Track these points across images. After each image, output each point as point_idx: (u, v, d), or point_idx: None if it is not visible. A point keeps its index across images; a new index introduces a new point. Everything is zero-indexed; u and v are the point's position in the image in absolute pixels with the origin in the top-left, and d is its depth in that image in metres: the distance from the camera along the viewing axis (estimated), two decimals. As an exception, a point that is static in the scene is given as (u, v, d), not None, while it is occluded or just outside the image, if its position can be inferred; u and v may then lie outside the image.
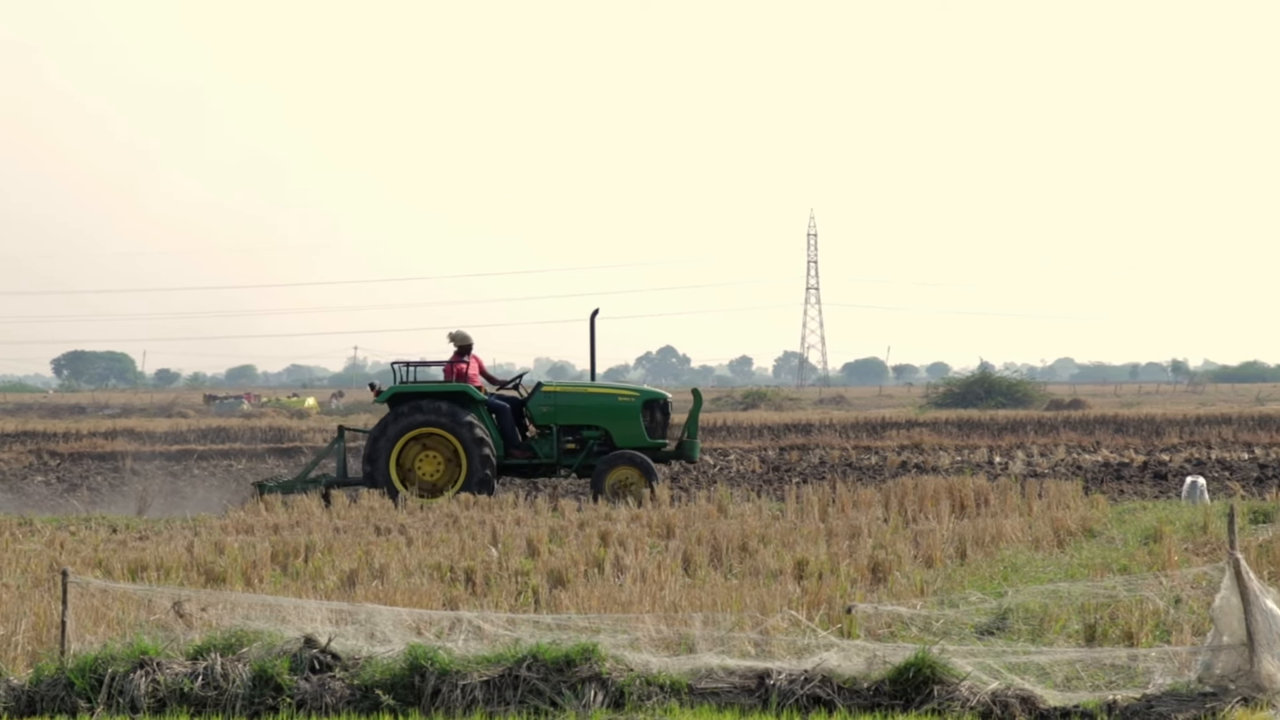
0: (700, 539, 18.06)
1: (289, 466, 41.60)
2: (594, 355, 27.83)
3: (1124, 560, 16.11)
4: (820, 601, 13.21)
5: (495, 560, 16.65)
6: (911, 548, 17.13)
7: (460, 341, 27.07)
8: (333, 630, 11.43)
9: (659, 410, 27.03)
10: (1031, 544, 17.97)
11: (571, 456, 26.68)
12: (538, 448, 26.73)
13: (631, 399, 26.95)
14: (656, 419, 26.91)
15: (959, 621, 12.42)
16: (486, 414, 26.46)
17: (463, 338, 27.06)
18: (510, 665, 10.78)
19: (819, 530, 18.88)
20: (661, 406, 27.11)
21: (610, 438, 26.57)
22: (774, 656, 11.00)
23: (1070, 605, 12.84)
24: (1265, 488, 27.52)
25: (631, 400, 26.92)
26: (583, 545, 17.92)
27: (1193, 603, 12.42)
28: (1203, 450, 41.06)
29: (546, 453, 26.66)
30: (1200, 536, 18.07)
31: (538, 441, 26.82)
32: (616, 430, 26.56)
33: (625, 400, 26.94)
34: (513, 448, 26.65)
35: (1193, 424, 51.46)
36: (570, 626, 11.60)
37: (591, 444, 26.60)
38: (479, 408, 26.39)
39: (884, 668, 10.48)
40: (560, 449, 26.67)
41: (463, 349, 27.05)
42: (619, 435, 26.53)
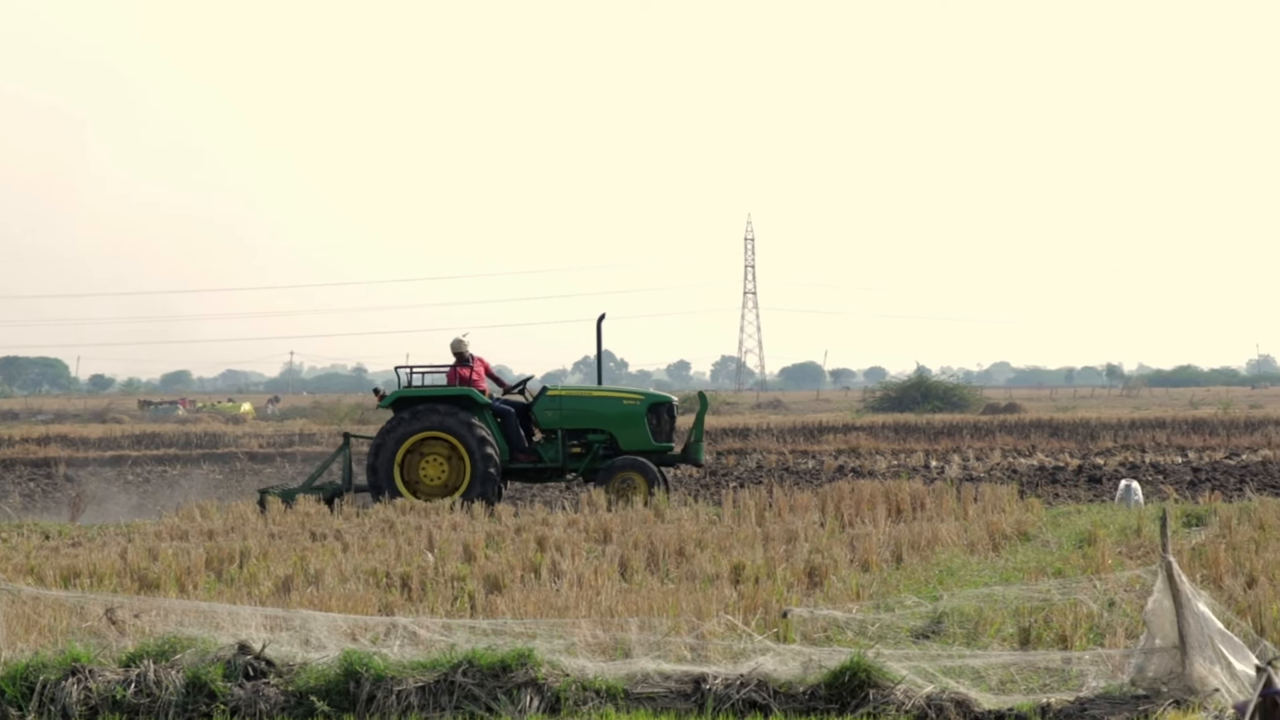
0: (637, 544, 18.04)
1: (224, 473, 41.38)
2: (600, 359, 27.82)
3: (1058, 564, 16.18)
4: (757, 606, 13.21)
5: (431, 565, 16.60)
6: (848, 552, 17.16)
7: (456, 349, 27.05)
8: (267, 637, 11.37)
9: (664, 413, 27.07)
10: (967, 548, 18.03)
11: (577, 460, 26.62)
12: (543, 452, 26.69)
13: (637, 403, 26.94)
14: (662, 422, 26.95)
15: (894, 625, 12.45)
16: (491, 418, 26.39)
17: (458, 345, 27.05)
18: (445, 671, 10.75)
19: (756, 535, 18.89)
20: (667, 410, 27.15)
21: (616, 441, 26.56)
22: (710, 661, 11.00)
23: (1005, 609, 12.89)
24: (1198, 491, 27.69)
25: (637, 404, 26.90)
26: (519, 550, 17.88)
27: (1126, 606, 12.47)
28: (1137, 454, 41.30)
29: (552, 457, 26.64)
30: (1134, 540, 18.17)
31: (543, 446, 26.79)
32: (622, 434, 26.55)
33: (630, 404, 26.91)
34: (518, 452, 26.59)
35: (1127, 428, 51.78)
36: (506, 632, 11.57)
37: (597, 448, 26.55)
38: (483, 412, 26.33)
39: (820, 672, 10.50)
40: (566, 453, 26.63)
41: (460, 356, 27.02)
42: (624, 439, 26.52)
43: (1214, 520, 20.19)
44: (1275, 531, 17.97)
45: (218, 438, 54.82)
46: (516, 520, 21.53)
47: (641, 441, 26.47)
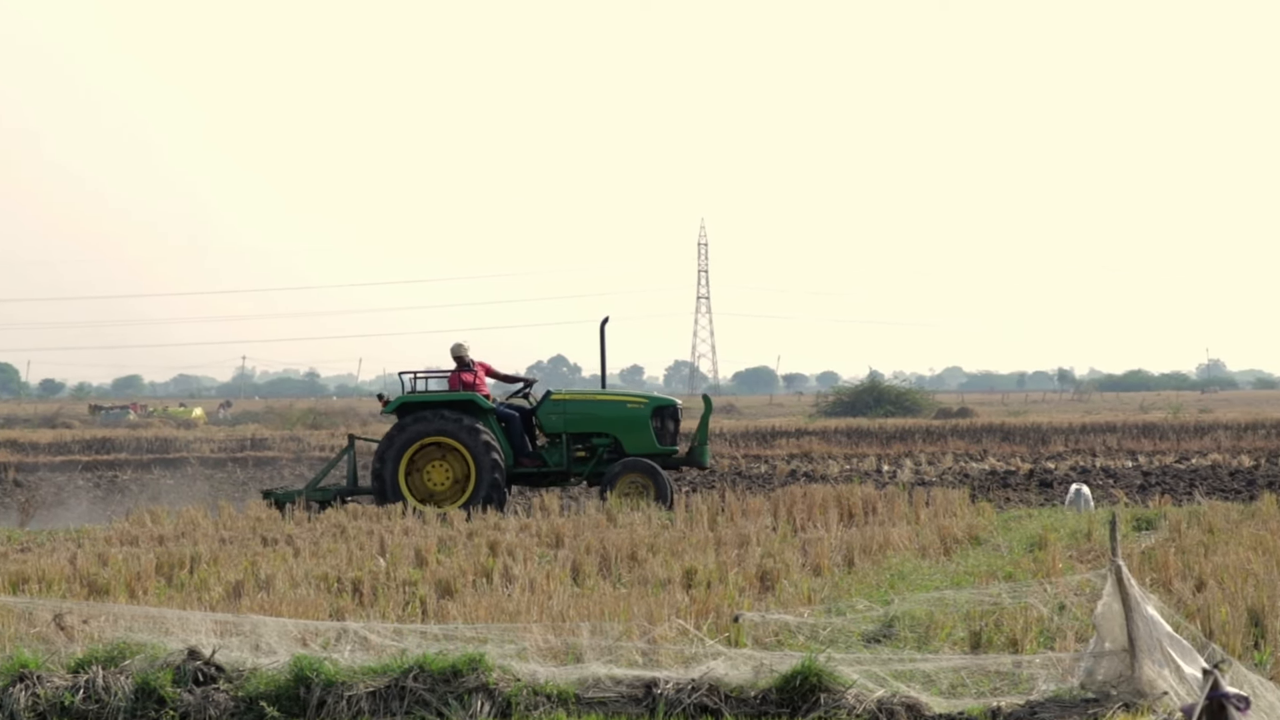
0: (589, 548, 18.03)
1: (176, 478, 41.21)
2: (604, 363, 27.75)
3: (1009, 567, 16.23)
4: (708, 610, 13.20)
5: (383, 570, 16.55)
6: (800, 556, 17.17)
7: (456, 354, 27.05)
8: (217, 642, 11.31)
9: (669, 417, 27.07)
10: (918, 552, 18.07)
11: (581, 464, 26.65)
12: (547, 456, 26.71)
13: (641, 406, 26.97)
14: (666, 426, 26.96)
15: (846, 629, 12.46)
16: (495, 423, 26.36)
17: (458, 349, 27.06)
18: (396, 676, 10.71)
19: (708, 539, 18.89)
20: (671, 413, 27.14)
21: (620, 445, 26.56)
22: (661, 666, 10.99)
23: (956, 612, 12.91)
24: (1148, 495, 27.83)
25: (641, 407, 26.92)
26: (471, 555, 17.85)
27: (1076, 609, 12.51)
28: (1088, 458, 41.49)
29: (556, 461, 26.66)
30: (1084, 544, 18.24)
31: (547, 450, 26.80)
32: (626, 438, 26.55)
33: (635, 408, 26.93)
34: (522, 456, 26.60)
35: (1078, 432, 52.02)
36: (457, 636, 11.54)
37: (601, 452, 26.58)
38: (488, 416, 26.29)
39: (771, 676, 10.49)
40: (570, 457, 26.65)
41: (460, 361, 27.02)
42: (629, 443, 26.51)
43: (1164, 524, 20.30)
44: (1224, 535, 18.07)
45: (169, 442, 54.62)
46: (468, 525, 21.49)
47: (646, 445, 26.48)
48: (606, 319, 27.77)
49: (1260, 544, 16.82)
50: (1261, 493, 25.76)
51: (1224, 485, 30.50)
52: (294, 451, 49.12)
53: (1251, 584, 13.71)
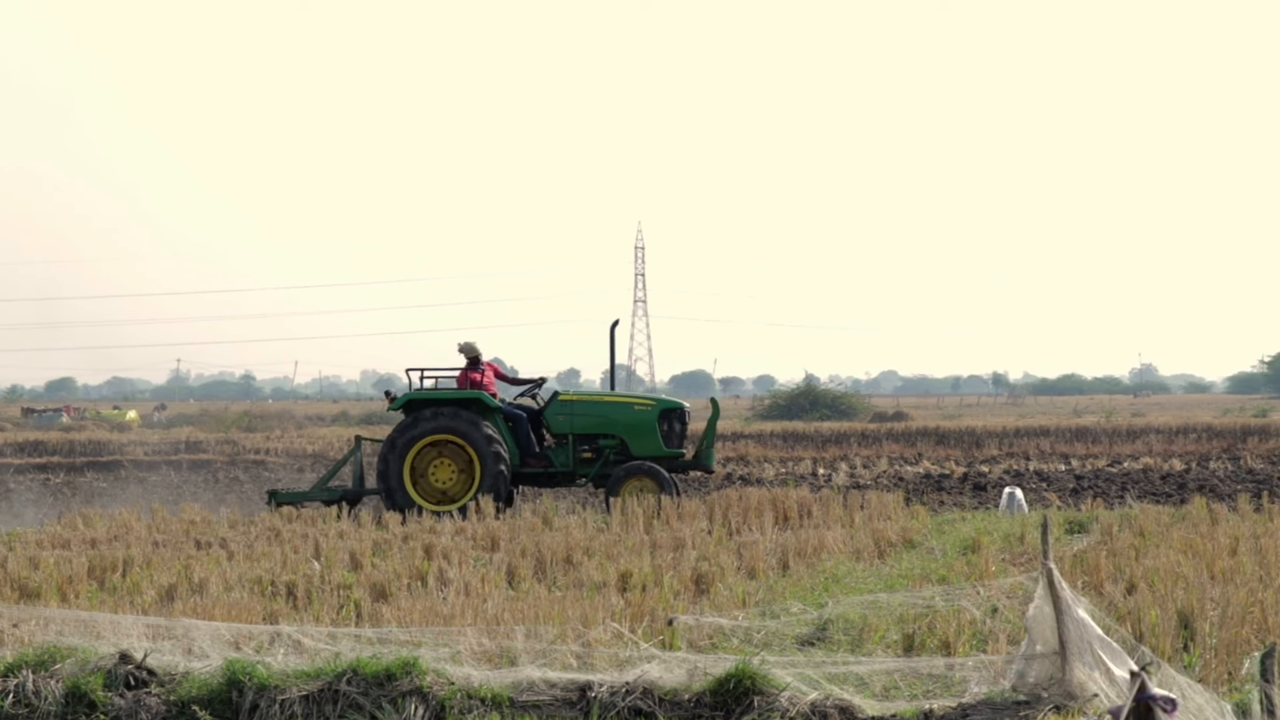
0: (525, 551, 18.03)
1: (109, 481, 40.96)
2: (613, 365, 27.70)
3: (943, 571, 16.30)
4: (644, 613, 13.22)
5: (317, 574, 16.50)
6: (735, 559, 17.20)
7: (469, 353, 27.02)
8: (149, 646, 11.25)
9: (676, 419, 27.04)
10: (853, 555, 18.13)
11: (588, 466, 26.67)
12: (554, 457, 26.69)
13: (648, 408, 26.96)
14: (673, 428, 26.93)
15: (780, 632, 12.49)
16: (502, 422, 26.34)
17: (470, 349, 27.03)
18: (330, 679, 10.67)
19: (643, 542, 18.91)
20: (678, 416, 27.12)
21: (627, 447, 26.58)
22: (596, 669, 10.99)
23: (889, 615, 12.96)
24: (1081, 498, 28.00)
25: (648, 410, 26.91)
26: (406, 558, 17.81)
27: (1009, 612, 12.58)
28: (1021, 462, 41.72)
29: (563, 462, 26.64)
30: (1017, 547, 18.34)
31: (554, 450, 26.78)
32: (633, 440, 26.57)
33: (642, 410, 26.91)
34: (528, 456, 26.58)
35: (1012, 436, 52.28)
36: (391, 640, 11.51)
37: (608, 453, 26.59)
38: (494, 415, 26.27)
39: (705, 679, 10.51)
40: (576, 458, 26.65)
41: (472, 360, 26.99)
42: (635, 445, 26.54)
43: (1095, 527, 20.44)
44: (1155, 539, 18.20)
45: (103, 445, 54.21)
46: (404, 528, 21.46)
47: (653, 447, 26.51)
48: (617, 321, 27.72)
49: (1190, 547, 16.96)
50: (1192, 496, 25.98)
51: (1155, 489, 30.72)
52: (229, 455, 48.85)
53: (1181, 587, 13.82)
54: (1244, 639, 11.61)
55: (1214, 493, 28.57)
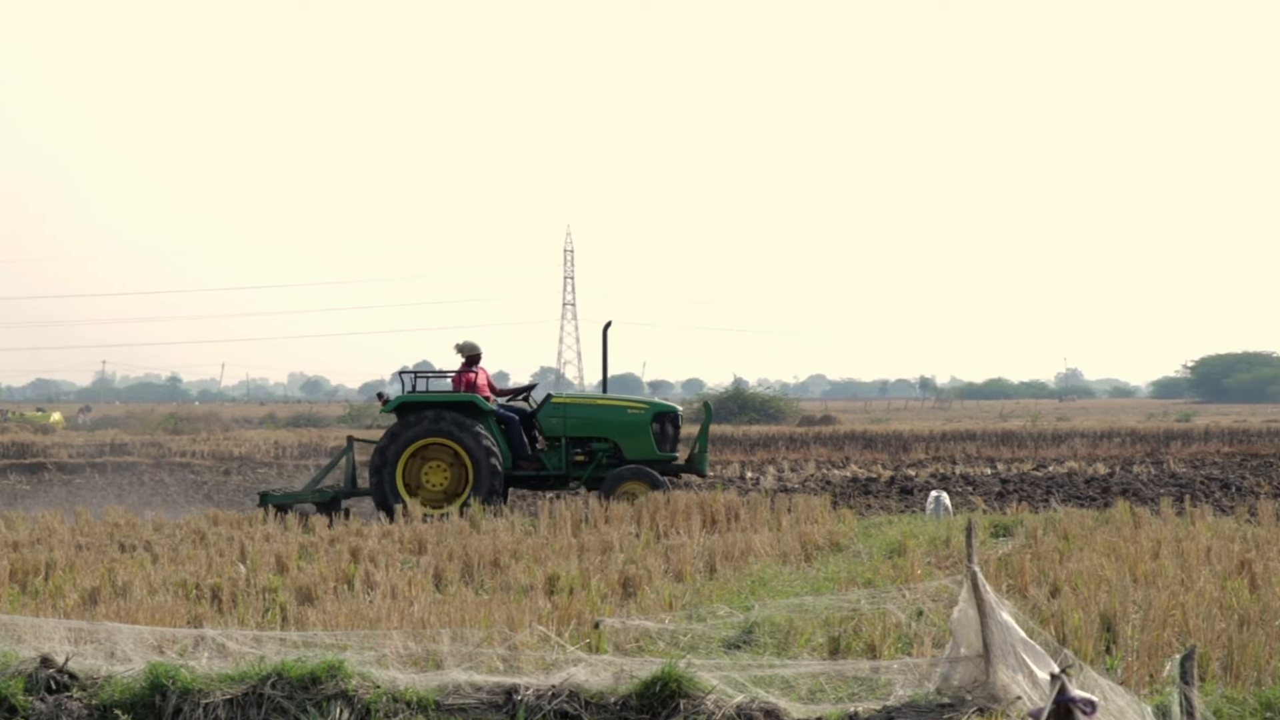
0: (452, 554, 17.99)
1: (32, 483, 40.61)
2: (605, 368, 27.61)
3: (869, 574, 16.35)
4: (570, 617, 13.22)
5: (243, 577, 16.42)
6: (662, 562, 17.22)
7: (468, 352, 26.97)
8: (71, 650, 11.16)
9: (669, 423, 27.02)
10: (780, 558, 18.17)
11: (580, 469, 26.60)
12: (546, 460, 26.63)
13: (641, 411, 26.87)
14: (666, 432, 26.91)
15: (706, 635, 12.52)
16: (495, 425, 26.25)
17: (470, 348, 26.95)
18: (254, 683, 10.62)
19: (571, 545, 18.90)
20: (671, 419, 27.08)
21: (620, 450, 26.54)
22: (522, 672, 10.98)
23: (815, 618, 13.01)
24: (1006, 502, 28.14)
25: (641, 413, 26.83)
26: (333, 561, 17.75)
27: (934, 615, 12.63)
28: (948, 465, 41.89)
29: (555, 464, 26.59)
30: (943, 550, 18.42)
31: (546, 453, 26.72)
32: (626, 443, 26.53)
33: (635, 413, 26.83)
34: (521, 459, 26.50)
35: (939, 440, 52.53)
36: (317, 643, 11.46)
37: (601, 456, 26.54)
38: (487, 418, 26.19)
39: (631, 682, 10.51)
40: (569, 461, 26.60)
41: (470, 360, 26.91)
42: (628, 448, 26.51)
43: (1020, 531, 20.55)
44: (1079, 542, 18.33)
45: (26, 447, 53.69)
46: (330, 531, 21.39)
47: (646, 451, 26.50)
48: (609, 324, 27.64)
49: (1113, 550, 17.09)
50: (1115, 500, 26.18)
51: (1080, 493, 30.91)
52: (154, 457, 48.52)
53: (1104, 590, 13.93)
54: (1165, 641, 11.71)
55: (1137, 496, 28.79)
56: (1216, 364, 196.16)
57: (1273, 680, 10.89)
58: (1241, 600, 13.48)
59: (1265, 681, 10.89)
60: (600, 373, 27.77)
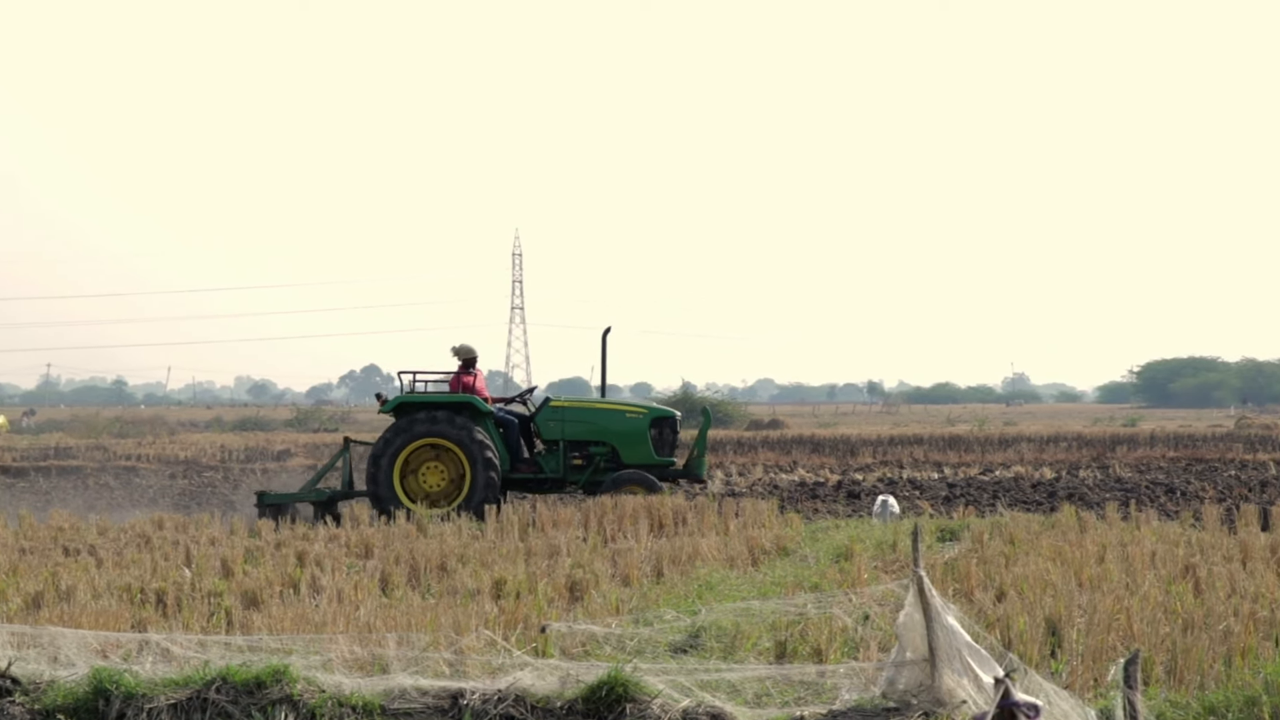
0: (399, 558, 17.95)
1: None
2: (604, 372, 27.57)
3: (816, 578, 16.37)
4: (517, 621, 13.20)
5: (188, 581, 16.34)
6: (609, 567, 17.21)
7: (464, 355, 26.97)
8: (14, 654, 11.08)
9: (667, 428, 27.05)
10: (727, 562, 18.18)
11: (578, 472, 26.61)
12: (544, 463, 26.65)
13: (639, 416, 26.89)
14: (664, 436, 26.96)
15: (653, 640, 12.51)
16: (493, 427, 26.20)
17: (466, 351, 26.96)
18: (199, 688, 10.57)
19: (518, 549, 18.88)
20: (670, 424, 27.10)
21: (617, 454, 26.58)
22: (468, 676, 10.95)
23: (762, 623, 13.01)
24: (953, 506, 28.24)
25: (639, 417, 26.85)
26: (279, 565, 17.68)
27: (880, 619, 12.66)
28: (895, 470, 42.02)
29: (553, 468, 26.60)
30: (890, 554, 18.47)
31: (544, 457, 26.75)
32: (624, 447, 26.57)
33: (633, 417, 26.84)
34: (519, 462, 26.55)
35: (886, 444, 52.67)
36: (262, 648, 11.41)
37: (598, 460, 26.54)
38: (485, 420, 26.14)
39: (577, 686, 10.49)
40: (567, 465, 26.60)
41: (467, 363, 26.88)
42: (626, 452, 26.55)
43: (967, 535, 20.62)
44: (1025, 546, 18.39)
45: (-31, 452, 53.37)
46: (276, 535, 21.30)
47: (643, 455, 26.54)
48: (609, 329, 27.57)
49: (1059, 555, 17.16)
50: (1061, 504, 26.31)
51: (1026, 497, 31.05)
52: (99, 461, 48.25)
53: (1050, 594, 13.98)
54: (1110, 645, 11.76)
55: (1083, 501, 28.94)
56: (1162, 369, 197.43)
57: (1216, 684, 10.95)
58: (1186, 604, 13.55)
59: (1208, 685, 10.95)
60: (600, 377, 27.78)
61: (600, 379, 27.76)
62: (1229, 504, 27.50)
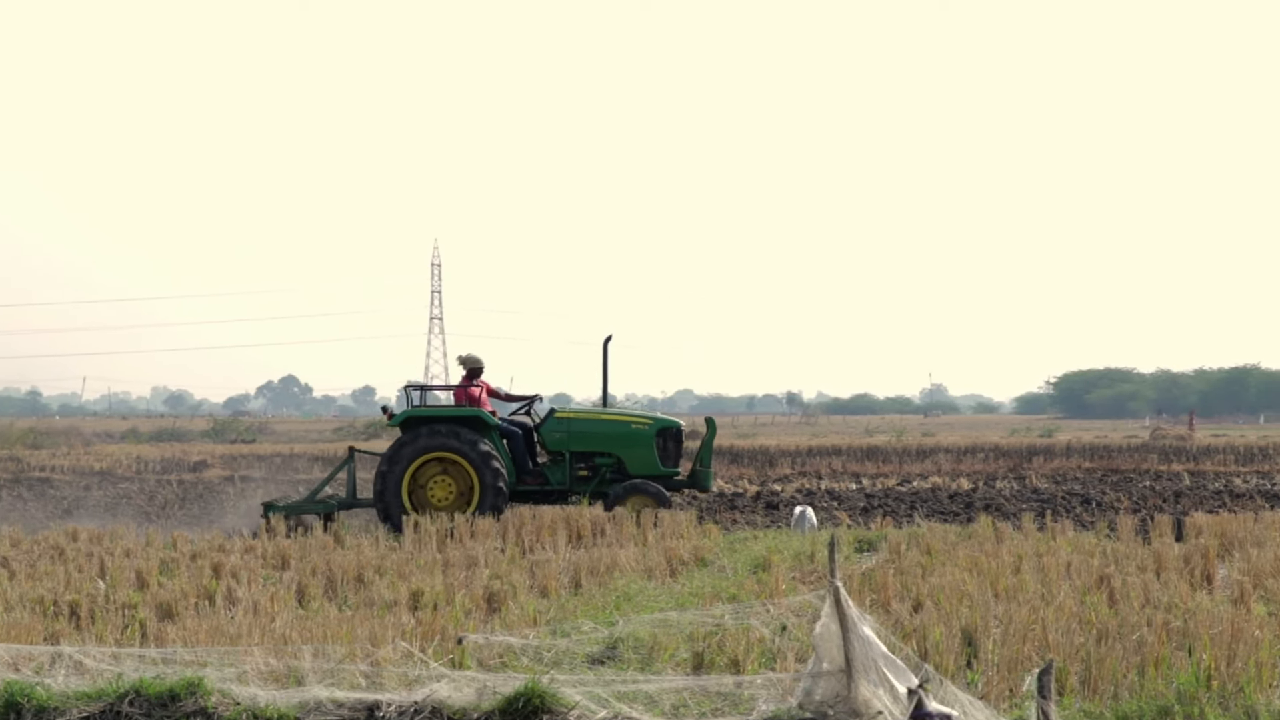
0: (315, 570, 17.86)
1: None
2: (606, 382, 27.43)
3: (734, 589, 16.39)
4: (434, 632, 13.16)
5: (102, 593, 16.21)
6: (527, 578, 17.18)
7: (470, 365, 26.92)
8: (-77, 668, 10.97)
9: (672, 438, 26.98)
10: (645, 573, 18.18)
11: (584, 483, 26.54)
12: (550, 474, 26.58)
13: (645, 426, 26.82)
14: (669, 447, 26.88)
15: (571, 651, 12.49)
16: (499, 439, 26.13)
17: (472, 361, 26.93)
18: (112, 700, 10.49)
19: (436, 561, 18.82)
20: (674, 434, 27.03)
21: (623, 465, 26.52)
22: (385, 688, 10.91)
23: (680, 634, 13.02)
24: (871, 517, 28.33)
25: (645, 428, 26.79)
26: (194, 577, 17.56)
27: (797, 630, 12.67)
28: (813, 480, 42.09)
29: (559, 479, 26.53)
30: (808, 565, 18.52)
31: (550, 468, 26.64)
32: (629, 457, 26.51)
33: (639, 427, 26.79)
34: (524, 474, 26.47)
35: (805, 455, 52.82)
36: (176, 660, 11.34)
37: (604, 471, 26.49)
38: (492, 433, 26.06)
39: (494, 698, 10.47)
40: (572, 475, 26.54)
41: (472, 373, 26.86)
42: (632, 463, 26.48)
43: (884, 546, 20.71)
44: (941, 557, 18.49)
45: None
46: (192, 547, 21.16)
47: (649, 466, 26.50)
48: (609, 337, 27.44)
49: (975, 565, 17.25)
50: (978, 515, 26.46)
51: (943, 508, 31.19)
52: (13, 472, 47.75)
53: (966, 604, 14.06)
54: (1025, 656, 11.83)
55: (1000, 511, 29.09)
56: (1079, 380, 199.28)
57: (1129, 694, 11.04)
58: (1100, 614, 13.64)
59: (1122, 695, 11.03)
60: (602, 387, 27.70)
61: (602, 389, 27.72)
62: (1143, 514, 27.72)
